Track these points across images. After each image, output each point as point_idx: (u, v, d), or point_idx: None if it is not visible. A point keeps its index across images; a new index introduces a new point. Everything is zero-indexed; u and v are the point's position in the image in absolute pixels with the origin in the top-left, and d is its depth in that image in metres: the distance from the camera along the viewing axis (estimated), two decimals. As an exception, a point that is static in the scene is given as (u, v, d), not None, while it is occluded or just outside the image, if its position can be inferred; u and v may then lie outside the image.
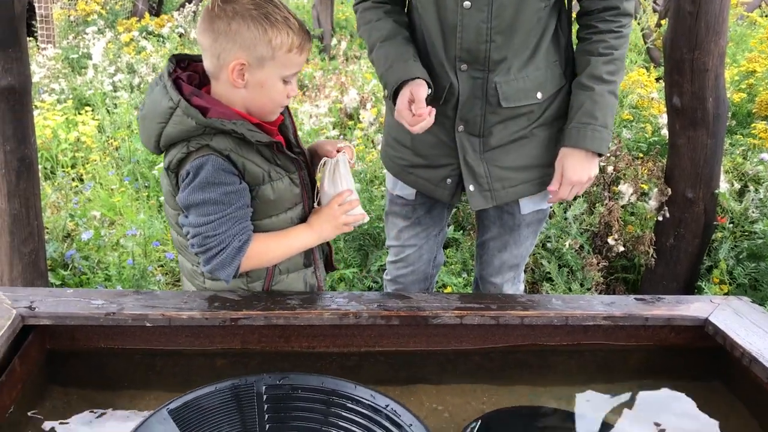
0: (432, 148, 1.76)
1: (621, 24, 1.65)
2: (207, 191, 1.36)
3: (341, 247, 2.94)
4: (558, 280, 2.81)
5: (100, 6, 7.68)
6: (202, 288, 1.53)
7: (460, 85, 1.66)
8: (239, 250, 1.39)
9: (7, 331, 1.23)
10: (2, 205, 2.36)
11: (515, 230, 1.87)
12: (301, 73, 6.16)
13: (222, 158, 1.37)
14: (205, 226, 1.37)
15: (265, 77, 1.39)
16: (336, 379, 1.23)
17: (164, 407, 1.13)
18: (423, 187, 1.83)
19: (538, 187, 1.77)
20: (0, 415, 1.15)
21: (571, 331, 1.48)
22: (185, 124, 1.35)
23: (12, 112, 2.29)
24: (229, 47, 1.35)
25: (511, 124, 1.69)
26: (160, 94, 1.38)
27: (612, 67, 1.65)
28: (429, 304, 1.45)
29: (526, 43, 1.63)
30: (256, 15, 1.35)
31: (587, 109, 1.65)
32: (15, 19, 2.24)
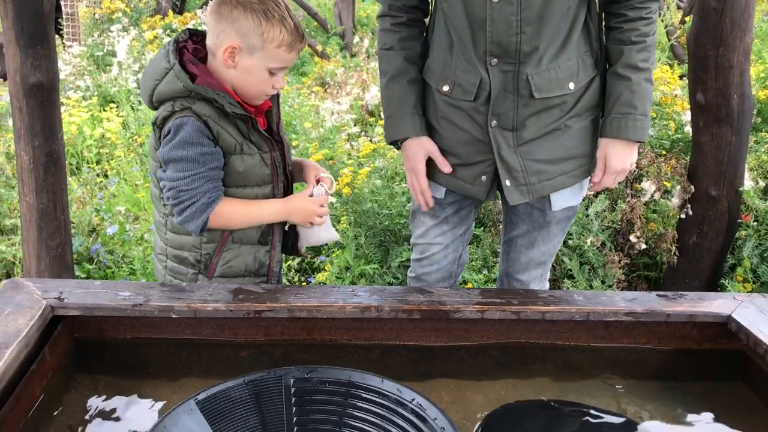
0: (465, 146, 1.76)
1: (650, 9, 1.65)
2: (185, 149, 1.52)
3: (362, 243, 2.96)
4: (579, 277, 2.81)
5: (125, 4, 7.76)
6: (164, 239, 1.68)
7: (492, 79, 1.66)
8: (207, 206, 1.54)
9: (37, 321, 1.25)
10: (30, 199, 2.41)
11: (545, 227, 1.86)
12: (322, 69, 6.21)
13: (200, 122, 1.53)
14: (180, 180, 1.53)
15: (252, 64, 1.55)
16: (363, 373, 1.24)
17: (192, 398, 1.15)
18: (458, 187, 1.81)
19: (574, 178, 1.77)
20: (31, 402, 1.18)
21: (592, 327, 1.48)
22: (174, 84, 1.52)
23: (40, 108, 2.33)
24: (228, 30, 1.52)
25: (544, 116, 1.69)
26: (162, 55, 1.56)
27: (645, 54, 1.66)
28: (450, 299, 1.46)
29: (557, 34, 1.63)
30: (257, 8, 1.51)
31: (626, 99, 1.66)
32: (44, 17, 2.28)
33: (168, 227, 1.65)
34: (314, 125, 4.00)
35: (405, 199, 3.09)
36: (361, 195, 3.03)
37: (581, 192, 1.84)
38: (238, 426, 1.13)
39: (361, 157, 3.51)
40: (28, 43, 2.25)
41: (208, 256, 1.64)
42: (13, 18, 2.22)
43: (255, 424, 1.14)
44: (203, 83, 1.52)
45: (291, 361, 1.38)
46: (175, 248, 1.66)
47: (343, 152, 3.58)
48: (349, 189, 2.99)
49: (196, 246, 1.64)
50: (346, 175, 3.08)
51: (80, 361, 1.38)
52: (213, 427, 1.11)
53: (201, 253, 1.64)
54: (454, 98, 1.73)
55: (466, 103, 1.71)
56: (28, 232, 2.44)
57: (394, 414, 1.16)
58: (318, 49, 7.74)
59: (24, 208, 2.42)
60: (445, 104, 1.75)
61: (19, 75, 2.27)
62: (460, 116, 1.74)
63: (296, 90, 5.32)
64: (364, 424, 1.15)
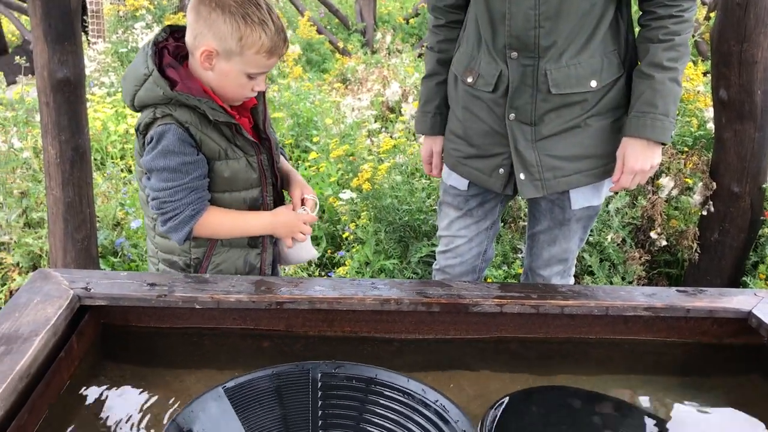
0: (484, 137, 1.78)
1: (681, 8, 1.62)
2: (167, 159, 1.49)
3: (382, 239, 2.98)
4: (599, 273, 2.80)
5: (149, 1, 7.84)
6: (153, 242, 1.68)
7: (510, 72, 1.68)
8: (191, 218, 1.53)
9: (65, 311, 1.28)
10: (57, 193, 2.45)
11: (565, 225, 1.87)
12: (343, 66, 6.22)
13: (182, 129, 1.49)
14: (163, 191, 1.51)
15: (229, 69, 1.50)
16: (389, 372, 1.25)
17: (220, 385, 1.18)
18: (476, 178, 1.84)
19: (590, 178, 1.77)
20: (59, 388, 1.21)
21: (611, 322, 1.49)
22: (154, 91, 1.48)
23: (67, 103, 2.37)
24: (205, 32, 1.47)
25: (564, 113, 1.69)
26: (140, 60, 1.51)
27: (673, 53, 1.63)
28: (469, 293, 1.47)
29: (579, 30, 1.63)
30: (235, 12, 1.44)
31: (647, 97, 1.64)
32: (71, 13, 2.32)
33: (156, 231, 1.64)
34: (335, 121, 4.02)
35: (425, 195, 3.10)
36: (381, 191, 3.04)
37: (602, 192, 1.84)
38: (263, 416, 1.15)
39: (382, 153, 3.53)
40: (55, 39, 2.29)
41: (197, 260, 1.64)
42: (42, 14, 2.26)
43: (280, 415, 1.16)
44: (184, 89, 1.48)
45: (311, 352, 1.40)
46: (165, 252, 1.66)
47: (364, 148, 3.60)
48: (369, 185, 3.00)
49: (185, 250, 1.64)
50: (367, 171, 3.09)
51: (106, 349, 1.41)
52: (239, 415, 1.14)
53: (190, 257, 1.64)
54: (476, 89, 1.76)
55: (486, 94, 1.74)
56: (54, 225, 2.49)
57: (417, 414, 1.17)
58: (339, 45, 7.76)
59: (51, 201, 2.47)
60: (467, 95, 1.79)
61: (46, 70, 2.32)
62: (481, 107, 1.77)
63: (317, 87, 5.34)
64: (387, 421, 1.16)
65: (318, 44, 7.57)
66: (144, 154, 1.53)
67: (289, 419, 1.15)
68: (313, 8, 9.28)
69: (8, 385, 1.05)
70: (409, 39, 8.35)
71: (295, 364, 1.27)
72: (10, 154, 3.10)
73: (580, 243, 1.95)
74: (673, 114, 1.67)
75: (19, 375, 1.08)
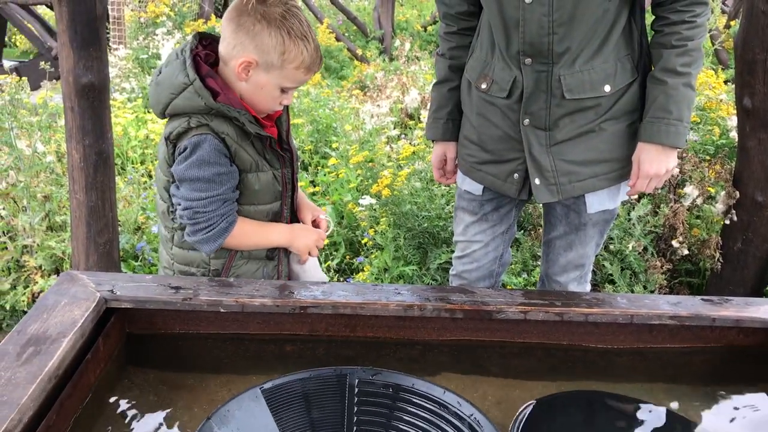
0: (498, 143, 1.79)
1: (695, 13, 1.62)
2: (202, 169, 1.48)
3: (401, 245, 2.98)
4: (620, 282, 2.78)
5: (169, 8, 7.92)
6: (170, 253, 1.65)
7: (525, 78, 1.68)
8: (225, 230, 1.54)
9: (92, 313, 1.29)
10: (80, 196, 2.47)
11: (581, 229, 1.86)
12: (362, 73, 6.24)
13: (218, 140, 1.49)
14: (197, 201, 1.50)
15: (266, 81, 1.50)
16: (426, 382, 1.25)
17: (258, 386, 1.20)
18: (491, 183, 1.85)
19: (605, 182, 1.77)
20: (86, 390, 1.22)
21: (635, 330, 1.48)
22: (194, 101, 1.47)
23: (91, 108, 2.39)
24: (246, 43, 1.46)
25: (578, 118, 1.69)
26: (178, 68, 1.49)
27: (686, 58, 1.63)
28: (493, 299, 1.46)
29: (593, 36, 1.63)
30: (281, 26, 1.45)
31: (660, 103, 1.64)
32: (96, 20, 2.34)
33: (174, 242, 1.63)
34: (354, 128, 4.03)
35: (444, 201, 3.10)
36: (400, 197, 3.05)
37: (618, 196, 1.83)
38: (298, 418, 1.16)
39: (401, 160, 3.53)
40: (81, 44, 2.31)
41: (216, 272, 1.63)
42: (68, 21, 2.29)
43: (314, 418, 1.17)
44: (225, 101, 1.48)
45: (334, 357, 1.41)
46: (182, 263, 1.65)
47: (383, 154, 3.60)
48: (388, 191, 3.01)
49: (204, 262, 1.62)
50: (386, 177, 3.10)
51: (131, 352, 1.42)
52: (275, 416, 1.15)
53: (209, 269, 1.63)
54: (490, 95, 1.77)
55: (500, 100, 1.74)
56: (77, 228, 2.51)
57: (451, 426, 1.17)
58: (357, 53, 7.79)
59: (74, 205, 2.49)
60: (481, 101, 1.79)
61: (71, 76, 2.34)
62: (495, 113, 1.77)
63: (336, 93, 5.36)
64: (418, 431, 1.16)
65: (336, 51, 7.61)
66: (176, 164, 1.51)
67: (323, 423, 1.16)
68: (331, 15, 9.34)
69: (37, 385, 1.06)
70: (427, 46, 8.36)
71: (333, 368, 1.28)
72: (34, 158, 3.13)
73: (597, 248, 1.94)
74: (688, 119, 1.67)
75: (48, 376, 1.09)
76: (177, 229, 1.62)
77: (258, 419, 1.15)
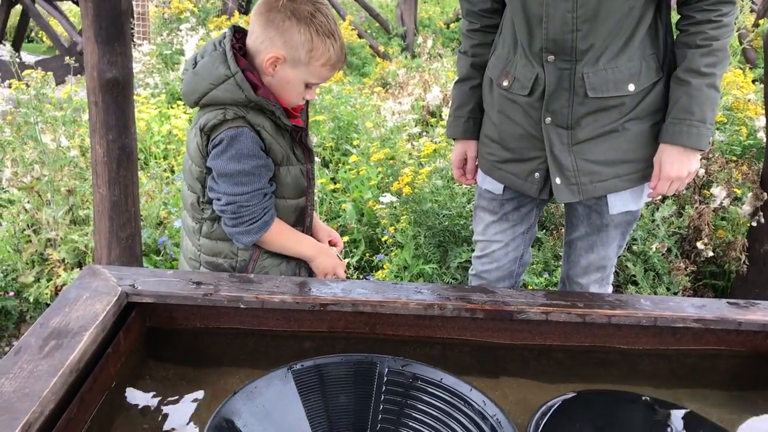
0: (519, 141, 1.77)
1: (721, 12, 1.58)
2: (242, 162, 1.50)
3: (421, 243, 2.97)
4: (643, 283, 2.75)
5: (193, 4, 7.96)
6: (197, 245, 1.66)
7: (547, 76, 1.66)
8: (266, 224, 1.57)
9: (113, 307, 1.30)
10: (103, 191, 2.49)
11: (603, 230, 1.84)
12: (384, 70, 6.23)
13: (254, 132, 1.51)
14: (240, 196, 1.52)
15: (292, 77, 1.54)
16: (454, 377, 1.24)
17: (287, 366, 1.21)
18: (512, 183, 1.83)
19: (628, 183, 1.74)
20: (107, 384, 1.23)
21: (658, 333, 1.45)
22: (235, 93, 1.49)
23: (115, 103, 2.41)
24: (275, 39, 1.50)
25: (601, 117, 1.67)
26: (218, 59, 1.51)
27: (711, 59, 1.60)
28: (514, 299, 1.45)
29: (617, 33, 1.61)
30: (309, 23, 1.48)
31: (683, 104, 1.62)
32: (121, 15, 2.36)
33: (203, 233, 1.64)
34: (375, 125, 4.02)
35: (465, 200, 3.09)
36: (421, 195, 3.03)
37: (641, 197, 1.80)
38: (325, 401, 1.17)
39: (422, 157, 3.52)
40: (105, 39, 2.33)
41: (243, 262, 1.65)
42: (93, 16, 2.30)
43: (342, 402, 1.18)
44: (264, 95, 1.51)
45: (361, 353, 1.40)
46: (209, 255, 1.66)
47: (404, 152, 3.59)
48: (409, 188, 3.00)
49: (233, 252, 1.64)
50: (407, 175, 3.09)
51: (151, 347, 1.43)
52: (302, 397, 1.16)
53: (237, 260, 1.65)
54: (512, 93, 1.75)
55: (522, 98, 1.73)
56: (100, 222, 2.53)
57: (473, 425, 1.16)
58: (380, 49, 7.78)
59: (97, 199, 2.51)
60: (503, 98, 1.78)
61: (96, 71, 2.36)
62: (516, 111, 1.75)
63: (358, 90, 5.36)
64: (441, 426, 1.16)
65: (358, 48, 7.61)
66: (212, 157, 1.53)
67: (349, 408, 1.17)
68: (353, 12, 9.33)
69: (59, 378, 1.07)
70: (450, 44, 8.33)
71: (364, 355, 1.28)
72: (59, 152, 3.16)
73: (619, 250, 1.92)
74: (711, 120, 1.64)
75: (69, 369, 1.10)
76: (207, 220, 1.63)
77: (284, 398, 1.16)
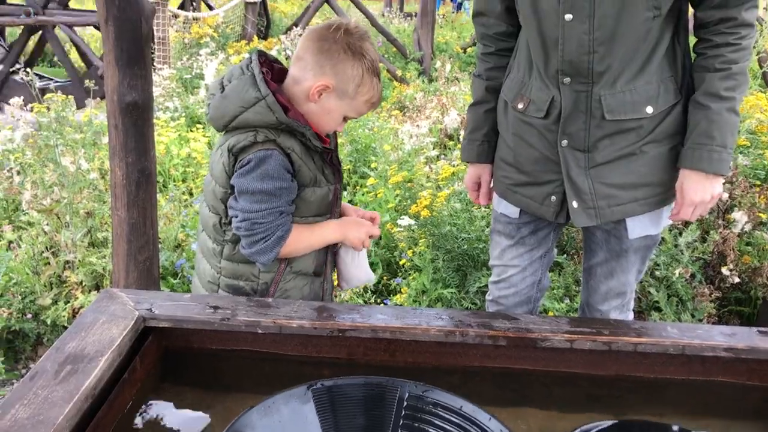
0: (535, 164, 1.74)
1: (740, 35, 1.56)
2: (264, 182, 1.50)
3: (439, 267, 2.93)
4: (667, 310, 2.70)
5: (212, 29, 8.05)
6: (216, 267, 1.65)
7: (563, 98, 1.64)
8: (281, 239, 1.54)
9: (130, 332, 1.28)
10: (122, 213, 2.49)
11: (622, 256, 1.80)
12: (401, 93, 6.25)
13: (284, 155, 1.51)
14: (255, 213, 1.51)
15: (335, 107, 1.56)
16: (474, 406, 1.22)
17: (307, 385, 1.20)
18: (527, 206, 1.80)
19: (646, 207, 1.71)
20: (121, 409, 1.21)
21: (687, 362, 1.41)
22: (266, 115, 1.49)
23: (134, 126, 2.41)
24: (327, 68, 1.52)
25: (619, 139, 1.65)
26: (248, 82, 1.51)
27: (730, 82, 1.57)
28: (538, 326, 1.41)
29: (635, 55, 1.59)
30: (362, 59, 1.52)
31: (703, 128, 1.59)
32: (142, 39, 2.37)
33: (224, 255, 1.63)
34: (393, 148, 4.01)
35: (484, 223, 3.06)
36: (439, 218, 3.01)
37: (661, 221, 1.77)
38: (343, 422, 1.16)
39: (440, 180, 3.50)
40: (126, 63, 2.34)
41: (265, 285, 1.63)
42: (114, 39, 2.32)
43: (360, 423, 1.17)
44: (294, 116, 1.52)
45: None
46: (230, 277, 1.65)
47: (422, 175, 3.57)
48: (427, 212, 2.97)
49: (254, 275, 1.63)
50: (425, 198, 3.07)
51: (167, 371, 1.41)
52: (320, 416, 1.15)
53: (258, 282, 1.63)
54: (527, 115, 1.73)
55: (538, 120, 1.70)
56: (118, 245, 2.52)
57: None
58: (397, 74, 7.81)
59: (115, 221, 2.51)
60: (518, 121, 1.76)
61: (116, 94, 2.37)
62: (532, 133, 1.73)
63: (375, 113, 5.37)
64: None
65: (376, 72, 7.63)
66: (236, 176, 1.53)
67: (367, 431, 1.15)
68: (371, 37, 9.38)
69: (74, 405, 1.05)
70: (467, 67, 8.35)
71: (386, 378, 1.27)
72: (78, 174, 3.18)
73: (639, 275, 1.88)
74: (732, 145, 1.61)
75: (84, 395, 1.08)
76: (228, 242, 1.62)
77: (302, 416, 1.15)
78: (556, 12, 1.57)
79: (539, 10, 1.61)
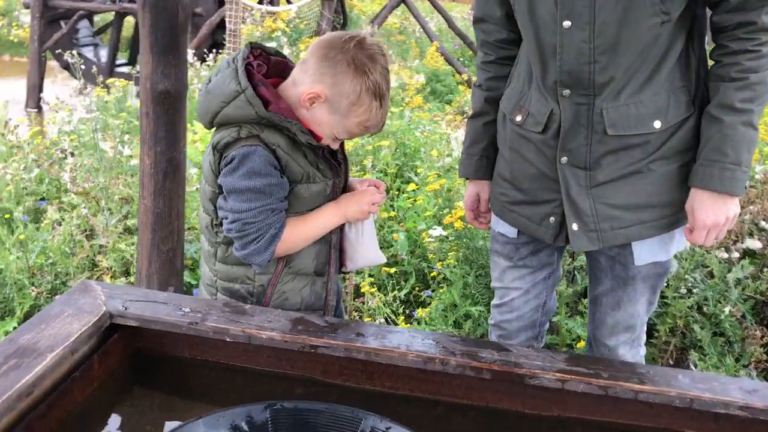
0: (533, 182, 1.61)
1: (759, 42, 1.38)
2: (252, 180, 1.42)
3: (470, 282, 2.81)
4: (710, 350, 2.48)
5: (285, 24, 8.11)
6: (213, 270, 1.58)
7: (562, 111, 1.50)
8: (274, 238, 1.46)
9: (91, 328, 1.24)
10: (148, 202, 2.48)
11: (629, 284, 1.64)
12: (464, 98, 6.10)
13: (268, 151, 1.42)
14: (245, 213, 1.44)
15: (325, 121, 1.47)
16: None
17: (267, 404, 1.14)
18: (525, 227, 1.67)
19: (653, 230, 1.55)
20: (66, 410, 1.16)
21: (696, 417, 1.25)
22: (245, 110, 1.42)
23: (166, 115, 2.39)
24: (326, 77, 1.43)
25: (623, 156, 1.49)
26: (230, 75, 1.44)
27: (747, 93, 1.40)
28: (528, 361, 1.29)
29: (641, 65, 1.44)
30: (365, 78, 1.42)
31: (715, 144, 1.42)
32: (177, 27, 2.35)
33: (218, 258, 1.56)
34: (440, 154, 3.90)
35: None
36: (474, 231, 2.88)
37: (671, 246, 1.60)
38: None
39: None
40: (161, 51, 2.32)
41: (261, 287, 1.54)
42: (150, 26, 2.30)
43: None
44: (276, 110, 1.43)
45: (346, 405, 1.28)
46: (225, 280, 1.57)
47: (462, 183, 3.44)
48: (461, 223, 2.85)
49: (249, 278, 1.54)
50: (461, 208, 2.94)
51: (138, 373, 1.36)
52: None
53: (254, 285, 1.54)
54: (525, 129, 1.60)
55: (535, 135, 1.57)
56: (143, 233, 2.51)
57: None
58: (464, 77, 7.69)
59: (141, 210, 2.49)
60: (516, 135, 1.63)
61: (149, 82, 2.35)
62: (529, 148, 1.60)
63: (433, 118, 5.26)
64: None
65: (444, 75, 7.52)
66: (222, 175, 1.47)
67: None
68: (449, 39, 9.29)
69: (3, 402, 1.00)
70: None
71: (350, 408, 1.18)
72: (116, 160, 3.20)
73: (650, 307, 1.71)
74: (747, 162, 1.44)
75: (17, 393, 1.03)
76: (221, 244, 1.56)
77: None
78: (554, 19, 1.45)
79: (537, 16, 1.49)
